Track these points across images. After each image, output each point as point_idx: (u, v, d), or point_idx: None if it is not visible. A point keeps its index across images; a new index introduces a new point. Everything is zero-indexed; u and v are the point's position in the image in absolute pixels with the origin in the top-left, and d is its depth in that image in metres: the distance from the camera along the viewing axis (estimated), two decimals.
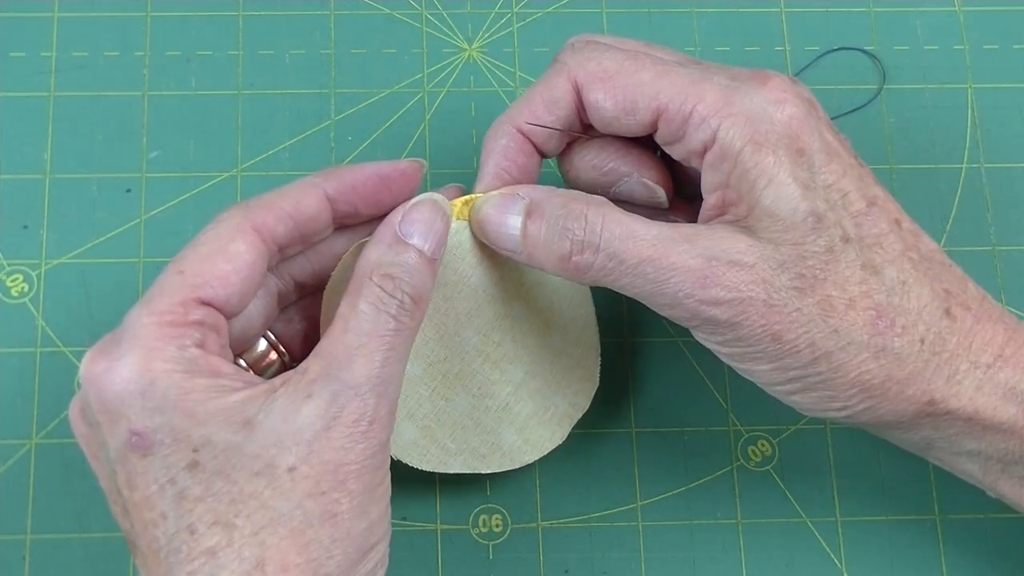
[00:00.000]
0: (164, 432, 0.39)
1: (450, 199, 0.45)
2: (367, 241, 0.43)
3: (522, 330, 0.48)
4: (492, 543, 0.51)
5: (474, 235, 0.46)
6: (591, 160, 0.47)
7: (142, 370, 0.39)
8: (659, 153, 0.47)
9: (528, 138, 0.46)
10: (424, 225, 0.43)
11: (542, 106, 0.46)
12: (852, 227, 0.43)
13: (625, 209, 0.44)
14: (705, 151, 0.44)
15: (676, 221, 0.47)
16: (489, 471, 0.49)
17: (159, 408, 0.39)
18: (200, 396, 0.39)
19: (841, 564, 0.51)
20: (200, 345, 0.40)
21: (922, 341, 0.43)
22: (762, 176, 0.42)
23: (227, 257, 0.41)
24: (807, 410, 0.45)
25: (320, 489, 0.39)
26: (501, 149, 0.46)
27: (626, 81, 0.44)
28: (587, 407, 0.50)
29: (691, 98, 0.43)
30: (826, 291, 0.42)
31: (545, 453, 0.50)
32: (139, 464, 0.39)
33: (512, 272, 0.48)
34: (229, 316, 0.42)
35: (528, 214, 0.44)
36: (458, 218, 0.45)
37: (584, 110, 0.46)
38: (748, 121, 0.43)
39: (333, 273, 0.45)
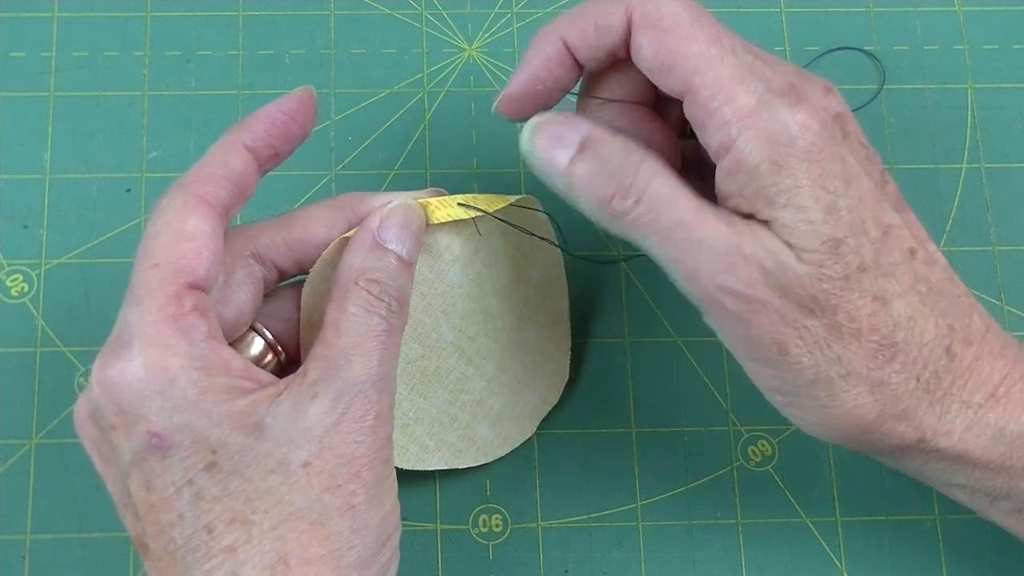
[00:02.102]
0: (183, 433, 0.39)
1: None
2: (347, 237, 0.44)
3: (495, 325, 0.49)
4: (492, 543, 0.51)
5: (447, 234, 0.46)
6: (605, 118, 0.46)
7: (159, 369, 0.39)
8: (687, 131, 0.46)
9: (572, 54, 0.45)
10: (400, 230, 0.44)
11: (592, 29, 0.44)
12: (871, 254, 0.42)
13: None
14: (721, 153, 0.42)
15: None
16: (464, 466, 0.50)
17: (178, 408, 0.39)
18: (216, 397, 0.40)
19: (841, 564, 0.51)
20: (207, 335, 0.40)
21: (918, 379, 0.43)
22: (781, 195, 0.41)
23: (189, 235, 0.41)
24: (800, 427, 0.45)
25: (336, 482, 0.40)
26: (543, 58, 0.45)
27: (674, 44, 0.43)
28: (556, 401, 0.51)
29: (721, 95, 0.42)
30: (836, 317, 0.42)
31: (516, 446, 0.50)
32: (158, 466, 0.39)
33: (489, 269, 0.48)
34: (208, 291, 0.42)
35: (582, 147, 0.43)
36: (435, 219, 0.46)
37: (630, 44, 0.44)
38: (768, 139, 0.41)
39: (313, 268, 0.45)
